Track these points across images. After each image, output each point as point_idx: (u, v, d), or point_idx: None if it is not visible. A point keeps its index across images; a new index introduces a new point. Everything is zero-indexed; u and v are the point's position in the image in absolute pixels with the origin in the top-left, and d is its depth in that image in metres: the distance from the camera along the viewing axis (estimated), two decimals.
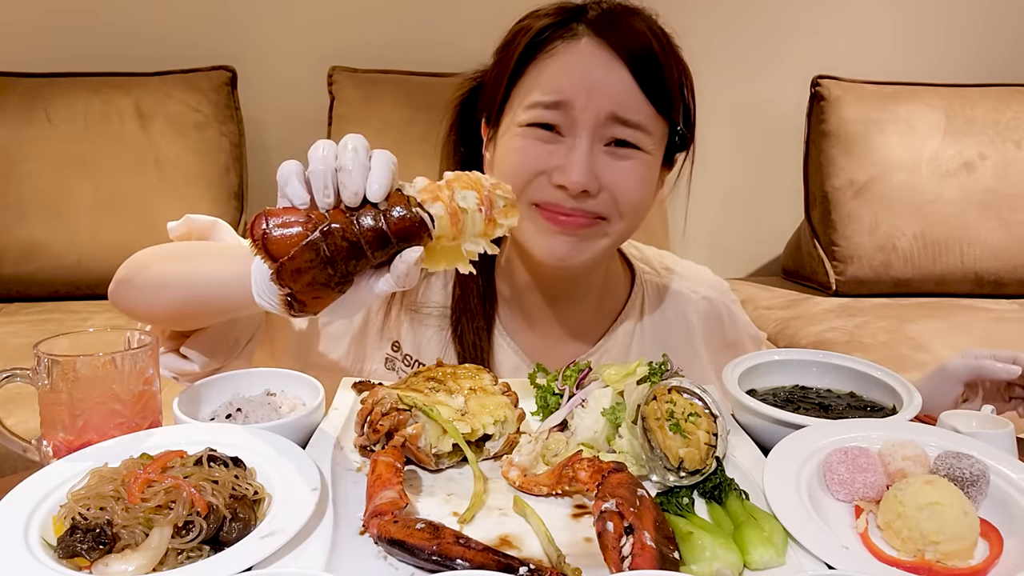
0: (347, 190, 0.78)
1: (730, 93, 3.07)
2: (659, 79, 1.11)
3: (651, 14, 1.17)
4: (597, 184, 1.11)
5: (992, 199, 2.75)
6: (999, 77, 2.98)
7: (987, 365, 1.14)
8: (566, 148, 1.10)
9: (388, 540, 0.71)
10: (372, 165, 0.79)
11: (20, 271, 2.52)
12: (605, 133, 1.11)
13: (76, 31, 2.81)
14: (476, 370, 1.05)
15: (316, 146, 0.81)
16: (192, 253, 1.14)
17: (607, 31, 1.11)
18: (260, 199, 2.97)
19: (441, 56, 2.72)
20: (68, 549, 0.70)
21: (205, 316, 1.11)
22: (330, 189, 0.79)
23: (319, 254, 0.77)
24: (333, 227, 0.77)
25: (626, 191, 1.13)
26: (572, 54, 1.11)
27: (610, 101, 1.09)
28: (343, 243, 0.77)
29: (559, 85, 1.10)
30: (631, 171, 1.13)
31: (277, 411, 1.00)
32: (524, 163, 1.12)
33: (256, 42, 2.91)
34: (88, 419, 0.88)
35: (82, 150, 2.56)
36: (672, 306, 1.35)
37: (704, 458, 0.84)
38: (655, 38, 1.12)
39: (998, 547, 0.77)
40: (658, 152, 1.17)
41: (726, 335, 1.37)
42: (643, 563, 0.67)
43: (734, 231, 3.24)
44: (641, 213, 1.18)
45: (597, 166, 1.11)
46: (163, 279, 1.08)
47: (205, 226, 1.19)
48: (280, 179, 0.81)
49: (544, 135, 1.12)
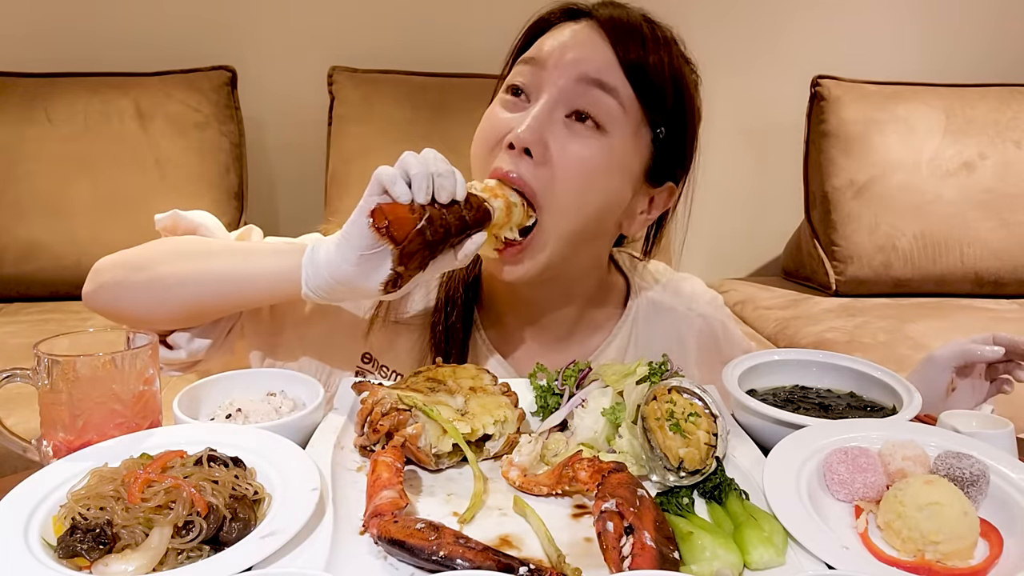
0: (444, 191, 0.96)
1: (730, 93, 3.07)
2: (642, 63, 1.09)
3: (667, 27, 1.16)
4: (542, 149, 1.06)
5: (992, 199, 2.75)
6: (1000, 77, 2.98)
7: (973, 348, 1.17)
8: (527, 113, 1.09)
9: (388, 540, 0.71)
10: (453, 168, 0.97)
11: (20, 271, 2.52)
12: (571, 99, 1.08)
13: (76, 31, 2.82)
14: (476, 370, 1.05)
15: (407, 156, 0.97)
16: (199, 249, 1.13)
17: (605, 20, 1.11)
18: (260, 199, 2.97)
19: (441, 56, 2.72)
20: (68, 549, 0.70)
21: (214, 313, 1.13)
22: (430, 189, 0.95)
23: (425, 238, 0.95)
24: (432, 217, 0.96)
25: (567, 169, 1.07)
26: (567, 29, 1.13)
27: (586, 62, 1.08)
28: (440, 229, 0.96)
29: (543, 46, 1.12)
30: (582, 150, 1.08)
31: (277, 411, 1.00)
32: (486, 129, 1.13)
33: (256, 42, 2.91)
34: (88, 419, 0.88)
35: (82, 150, 2.56)
36: (665, 323, 1.31)
37: (704, 458, 0.84)
38: (652, 33, 1.11)
39: (998, 547, 0.77)
40: (631, 143, 1.11)
41: (721, 353, 1.33)
42: (643, 563, 0.67)
43: (734, 231, 3.24)
44: (584, 209, 1.10)
45: (549, 133, 1.08)
46: (179, 278, 1.08)
47: (191, 226, 1.19)
48: (386, 180, 0.95)
49: (513, 102, 1.12)
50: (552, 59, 1.10)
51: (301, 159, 2.97)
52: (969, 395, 1.21)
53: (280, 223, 3.08)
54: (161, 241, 1.18)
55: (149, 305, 1.10)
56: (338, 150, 2.72)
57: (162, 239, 1.19)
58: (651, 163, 1.16)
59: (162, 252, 1.14)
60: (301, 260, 1.01)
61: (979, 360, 1.18)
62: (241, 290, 1.09)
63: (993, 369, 1.21)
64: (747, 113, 3.14)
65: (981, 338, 1.18)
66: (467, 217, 0.99)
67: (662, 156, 1.16)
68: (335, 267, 0.98)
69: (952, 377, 1.20)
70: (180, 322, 1.13)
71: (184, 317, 1.12)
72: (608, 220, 1.17)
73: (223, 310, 1.14)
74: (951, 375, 1.19)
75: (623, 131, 1.10)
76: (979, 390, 1.21)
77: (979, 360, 1.18)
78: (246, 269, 1.08)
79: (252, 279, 1.07)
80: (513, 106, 1.12)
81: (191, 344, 1.14)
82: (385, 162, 0.97)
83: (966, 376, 1.21)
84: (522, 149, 1.06)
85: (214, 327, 1.17)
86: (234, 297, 1.10)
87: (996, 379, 1.21)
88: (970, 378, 1.21)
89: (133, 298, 1.11)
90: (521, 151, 1.07)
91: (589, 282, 1.26)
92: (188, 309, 1.11)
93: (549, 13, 1.17)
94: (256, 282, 1.07)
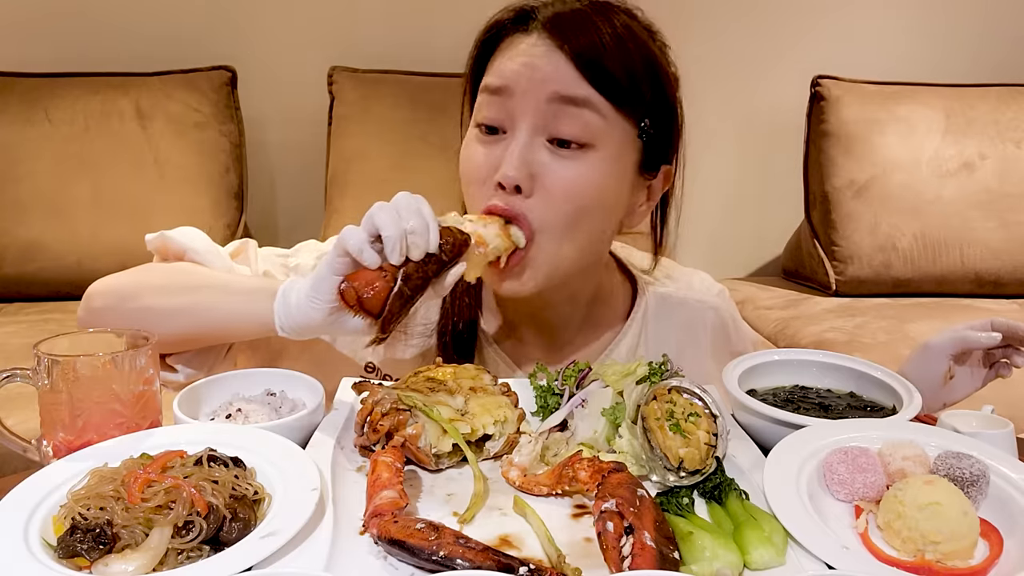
0: (418, 248, 0.94)
1: (730, 93, 3.07)
2: (600, 61, 1.05)
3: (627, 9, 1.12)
4: (530, 183, 1.05)
5: (992, 199, 2.75)
6: (999, 77, 2.98)
7: (970, 335, 1.16)
8: (506, 145, 1.07)
9: (388, 540, 0.71)
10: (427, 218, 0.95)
11: (20, 271, 2.52)
12: (548, 124, 1.06)
13: (76, 31, 2.82)
14: (476, 370, 1.05)
15: (377, 214, 0.94)
16: (184, 283, 1.13)
17: (555, 20, 1.07)
18: (260, 199, 2.97)
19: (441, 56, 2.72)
20: (68, 549, 0.70)
21: (203, 342, 1.13)
22: (403, 251, 0.93)
23: (403, 297, 0.93)
24: (408, 274, 0.94)
25: (559, 196, 1.05)
26: (520, 45, 1.09)
27: (552, 82, 1.04)
28: (419, 281, 0.95)
29: (503, 70, 1.08)
30: (571, 173, 1.05)
31: (277, 411, 1.00)
32: (470, 170, 1.11)
33: (256, 42, 2.91)
34: (88, 419, 0.88)
35: (82, 150, 2.56)
36: (678, 317, 1.31)
37: (704, 458, 0.84)
38: (611, 27, 1.07)
39: (998, 547, 0.77)
40: (618, 149, 1.08)
41: (732, 345, 1.35)
42: (643, 563, 0.67)
43: (734, 231, 3.24)
44: (582, 227, 1.09)
45: (536, 163, 1.05)
46: (166, 312, 1.09)
47: (179, 248, 1.18)
48: (353, 250, 0.93)
49: (489, 138, 1.10)
50: (517, 87, 1.06)
51: (301, 159, 2.97)
52: (967, 382, 1.21)
53: (280, 223, 3.08)
54: (150, 269, 1.18)
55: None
56: (338, 150, 2.72)
57: (151, 266, 1.19)
58: (642, 155, 1.13)
59: (149, 283, 1.14)
60: (273, 301, 1.01)
61: (977, 347, 1.17)
62: (220, 327, 1.10)
63: (990, 355, 1.20)
64: (747, 113, 3.14)
65: (978, 324, 1.17)
66: (445, 258, 0.97)
67: (652, 144, 1.13)
68: (305, 315, 0.98)
69: (950, 365, 1.19)
70: (171, 349, 1.13)
71: (173, 345, 1.12)
72: (608, 228, 1.16)
73: (209, 341, 1.14)
74: (948, 363, 1.19)
75: (608, 138, 1.07)
76: (977, 376, 1.21)
77: (977, 347, 1.17)
78: (226, 308, 1.08)
79: (229, 317, 1.08)
80: (491, 142, 1.10)
81: (187, 370, 1.14)
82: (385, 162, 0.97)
83: (963, 363, 1.20)
84: (512, 187, 1.05)
85: (208, 353, 1.16)
86: (215, 332, 1.11)
87: (995, 363, 1.20)
88: (968, 365, 1.20)
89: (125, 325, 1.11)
90: (512, 189, 1.05)
91: (590, 283, 1.25)
92: (180, 339, 1.11)
93: (498, 21, 1.13)
94: (233, 320, 1.08)
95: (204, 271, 1.16)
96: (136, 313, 1.09)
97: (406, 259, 0.94)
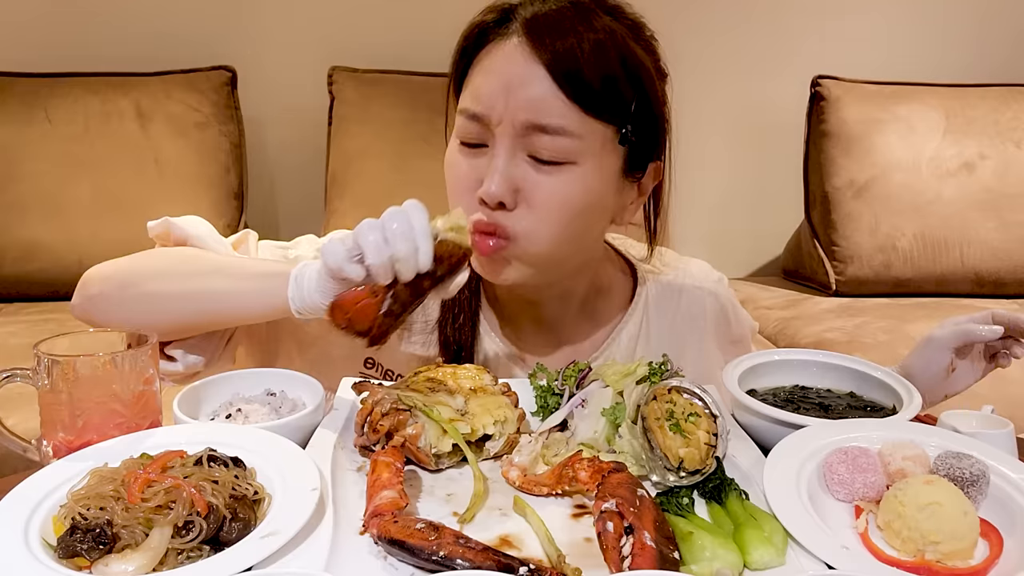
0: (406, 273, 0.90)
1: (730, 93, 3.07)
2: (583, 77, 1.02)
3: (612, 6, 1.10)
4: (513, 198, 1.05)
5: (992, 199, 2.75)
6: (999, 77, 2.97)
7: (973, 328, 1.16)
8: (489, 159, 1.07)
9: (388, 540, 0.71)
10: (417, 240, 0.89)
11: (20, 271, 2.52)
12: (527, 144, 1.05)
13: (76, 31, 2.81)
14: (476, 370, 1.05)
15: (365, 236, 0.90)
16: (188, 266, 1.12)
17: (534, 23, 1.05)
18: (260, 199, 2.97)
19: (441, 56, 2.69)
20: (68, 549, 0.70)
21: (206, 329, 1.13)
22: (391, 274, 0.90)
23: (392, 312, 0.91)
24: (398, 292, 0.91)
25: (542, 209, 1.05)
26: (498, 55, 1.08)
27: (526, 107, 1.03)
28: (411, 298, 0.92)
29: (480, 92, 1.07)
30: (553, 185, 1.05)
31: (277, 411, 1.00)
32: (454, 180, 1.11)
33: (256, 42, 2.91)
34: (88, 419, 0.88)
35: (82, 150, 2.56)
36: (679, 305, 1.32)
37: (704, 458, 0.84)
38: (592, 31, 1.04)
39: (998, 547, 0.77)
40: (599, 160, 1.07)
41: (732, 331, 1.36)
42: (643, 563, 0.67)
43: (734, 231, 3.24)
44: (567, 234, 1.09)
45: (518, 178, 1.05)
46: (171, 296, 1.08)
47: (182, 235, 1.18)
48: (333, 268, 0.91)
49: (471, 151, 1.09)
50: (493, 114, 1.05)
51: (301, 159, 2.97)
52: (968, 374, 1.21)
53: (280, 223, 3.08)
54: (150, 255, 1.17)
55: (138, 320, 1.07)
56: (338, 150, 2.72)
57: (151, 252, 1.18)
58: (626, 159, 1.12)
59: (151, 267, 1.13)
60: (288, 284, 0.99)
61: (979, 340, 1.18)
62: (231, 310, 1.08)
63: (990, 346, 1.20)
64: (747, 113, 3.14)
65: (980, 317, 1.17)
66: (441, 273, 0.93)
67: (636, 147, 1.12)
68: (316, 299, 0.96)
69: (952, 358, 1.19)
70: (171, 335, 1.12)
71: (175, 331, 1.12)
72: (597, 229, 1.17)
73: (214, 327, 1.14)
74: (951, 356, 1.19)
75: (588, 152, 1.06)
76: (977, 368, 1.21)
77: (979, 340, 1.18)
78: (235, 290, 1.06)
79: (241, 301, 1.06)
80: (473, 155, 1.09)
81: (187, 358, 1.14)
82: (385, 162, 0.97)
83: (964, 356, 1.20)
84: (496, 204, 1.05)
85: (210, 341, 1.16)
86: (224, 317, 1.10)
87: (995, 355, 1.20)
88: (968, 357, 1.21)
89: (122, 312, 1.09)
90: (495, 205, 1.06)
91: (584, 280, 1.25)
92: (178, 325, 1.10)
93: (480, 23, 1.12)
94: (245, 303, 1.06)
95: (211, 255, 1.15)
96: (136, 299, 1.09)
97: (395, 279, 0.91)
